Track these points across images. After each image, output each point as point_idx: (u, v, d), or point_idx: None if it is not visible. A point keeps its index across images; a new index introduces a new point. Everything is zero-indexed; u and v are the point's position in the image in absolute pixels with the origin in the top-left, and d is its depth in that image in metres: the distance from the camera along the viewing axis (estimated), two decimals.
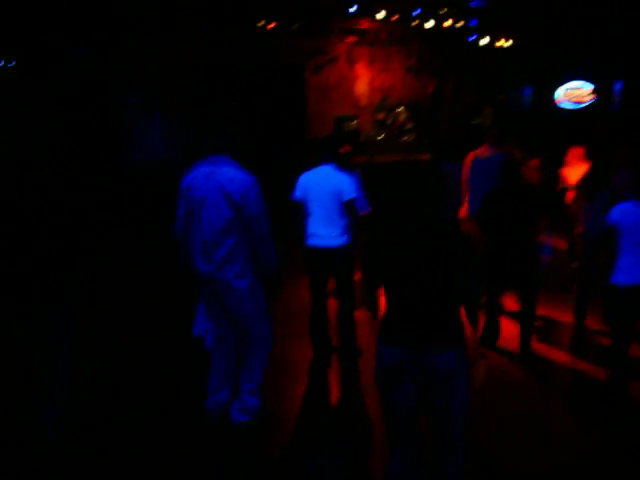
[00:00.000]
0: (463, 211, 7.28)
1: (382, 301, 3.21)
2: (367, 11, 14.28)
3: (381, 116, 15.49)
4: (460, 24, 15.46)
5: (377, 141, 14.87)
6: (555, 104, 18.57)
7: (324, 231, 5.65)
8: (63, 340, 4.18)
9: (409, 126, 15.56)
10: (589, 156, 7.10)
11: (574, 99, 18.64)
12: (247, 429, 4.56)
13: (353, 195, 5.67)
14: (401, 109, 15.68)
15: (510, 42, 17.02)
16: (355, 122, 14.93)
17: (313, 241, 5.73)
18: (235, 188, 4.35)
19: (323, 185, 5.67)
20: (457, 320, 3.06)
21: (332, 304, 6.14)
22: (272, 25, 13.30)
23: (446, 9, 15.10)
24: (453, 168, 7.40)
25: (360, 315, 6.14)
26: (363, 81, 15.73)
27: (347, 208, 5.64)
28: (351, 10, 13.75)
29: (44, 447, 4.13)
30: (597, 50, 16.40)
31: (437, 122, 16.77)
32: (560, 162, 7.66)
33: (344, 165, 6.34)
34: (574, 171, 7.14)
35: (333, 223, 5.64)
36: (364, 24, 15.10)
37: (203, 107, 11.83)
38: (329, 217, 5.63)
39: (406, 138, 15.36)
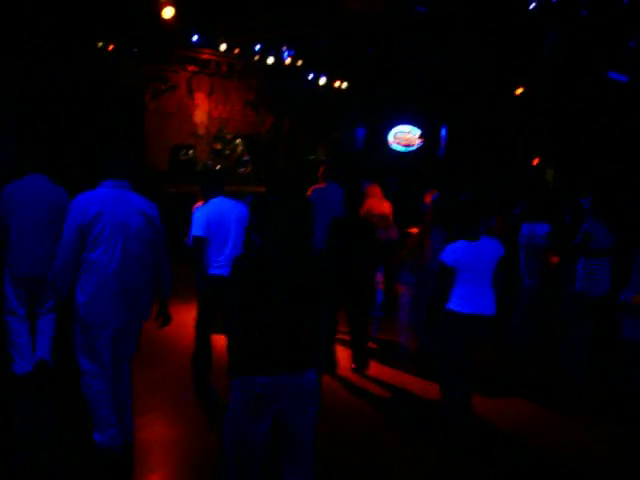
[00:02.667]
0: None
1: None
2: (209, 42, 14.89)
3: (219, 146, 15.98)
4: (300, 62, 16.47)
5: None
6: (387, 145, 20.10)
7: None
8: None
9: (246, 158, 16.16)
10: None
11: (404, 142, 20.29)
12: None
13: None
14: (239, 141, 16.26)
15: (346, 84, 18.32)
16: (192, 151, 15.32)
17: (222, 270, 5.93)
18: (154, 212, 4.47)
19: (233, 214, 6.04)
20: (312, 342, 3.33)
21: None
22: (112, 47, 13.49)
23: (285, 47, 16.06)
24: None
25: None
26: (202, 111, 16.23)
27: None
28: (193, 39, 14.29)
29: None
30: (425, 96, 18.06)
31: (274, 156, 17.60)
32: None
33: None
34: None
35: (239, 249, 6.00)
36: (205, 55, 15.68)
37: (34, 125, 11.74)
38: (240, 246, 6.00)
39: (243, 170, 15.91)
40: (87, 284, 4.26)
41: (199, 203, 8.72)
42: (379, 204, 8.11)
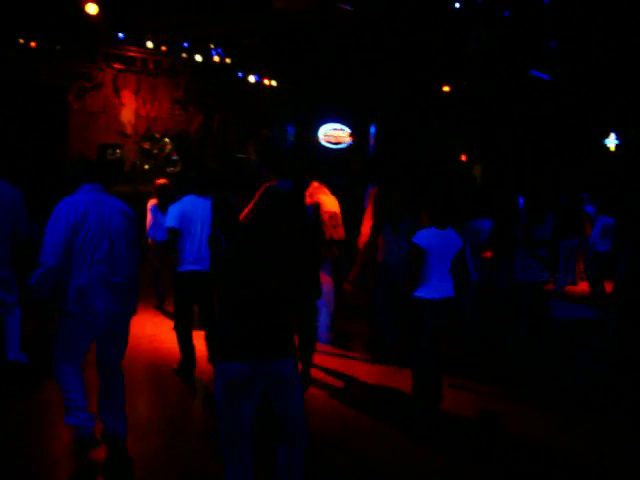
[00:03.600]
0: None
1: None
2: (135, 39, 14.76)
3: (147, 145, 15.85)
4: (229, 60, 16.49)
5: (143, 170, 15.15)
6: (317, 143, 20.33)
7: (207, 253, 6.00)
8: None
9: (175, 157, 16.08)
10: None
11: (334, 139, 20.55)
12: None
13: None
14: (167, 140, 16.16)
15: (275, 82, 18.42)
16: (119, 151, 15.12)
17: (197, 265, 6.13)
18: (132, 213, 4.71)
19: (206, 211, 6.15)
20: (290, 331, 3.55)
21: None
22: (33, 44, 13.22)
23: (214, 45, 16.05)
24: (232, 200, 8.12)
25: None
26: (129, 109, 16.03)
27: None
28: (118, 36, 14.13)
29: None
30: (355, 95, 18.33)
31: (203, 155, 17.54)
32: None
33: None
34: None
35: None
36: (132, 52, 15.52)
37: None
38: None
39: (172, 169, 15.80)
40: (77, 280, 4.43)
41: (152, 201, 8.78)
42: (330, 202, 8.10)
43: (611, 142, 19.33)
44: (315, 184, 8.06)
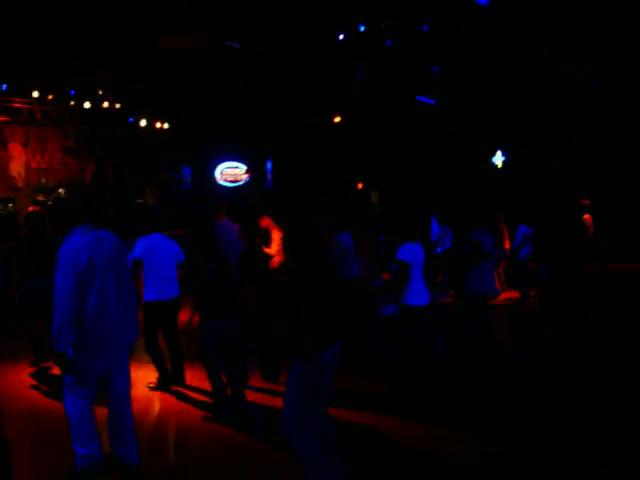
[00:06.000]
0: None
1: None
2: (19, 90, 14.66)
3: (41, 197, 15.66)
4: (118, 105, 16.57)
5: None
6: (214, 182, 20.55)
7: (170, 285, 7.11)
8: None
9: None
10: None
11: (231, 178, 20.85)
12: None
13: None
14: (61, 190, 16.01)
15: (167, 125, 18.58)
16: (11, 205, 14.85)
17: (161, 295, 7.01)
18: (123, 243, 5.11)
19: (168, 248, 7.17)
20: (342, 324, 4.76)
21: None
22: None
23: (102, 91, 16.12)
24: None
25: None
26: (18, 162, 15.83)
27: (179, 265, 7.26)
28: (3, 87, 14.02)
29: None
30: (249, 132, 18.70)
31: (98, 203, 17.38)
32: None
33: None
34: None
35: (174, 278, 7.17)
36: (17, 103, 15.38)
37: None
38: (173, 274, 7.16)
39: None
40: (89, 311, 4.75)
41: None
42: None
43: (498, 160, 20.44)
44: (263, 219, 8.56)
